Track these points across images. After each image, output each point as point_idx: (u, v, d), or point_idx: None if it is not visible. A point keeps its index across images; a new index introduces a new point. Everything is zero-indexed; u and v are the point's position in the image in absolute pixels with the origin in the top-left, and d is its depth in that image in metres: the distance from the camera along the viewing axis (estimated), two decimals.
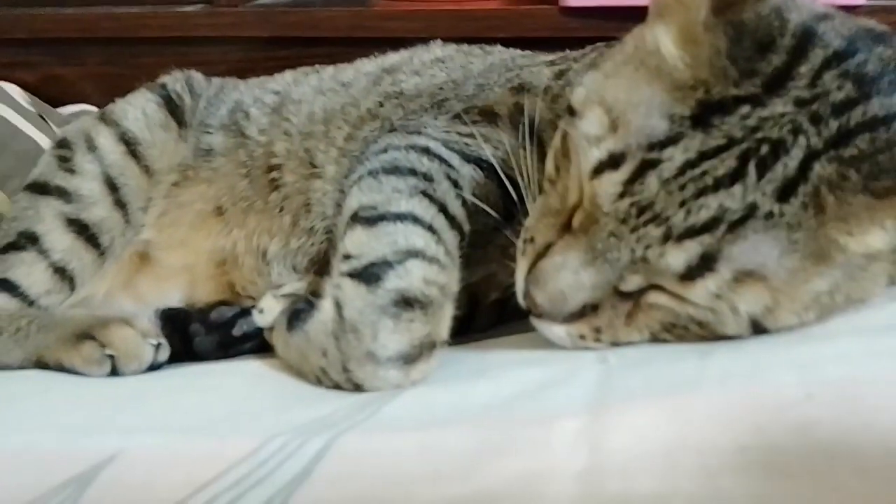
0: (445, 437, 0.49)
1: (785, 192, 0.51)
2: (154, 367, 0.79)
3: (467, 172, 0.73)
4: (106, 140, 0.91)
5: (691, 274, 0.52)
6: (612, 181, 0.54)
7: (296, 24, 1.25)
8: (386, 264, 0.62)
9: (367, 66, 0.96)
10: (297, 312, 0.68)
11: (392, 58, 0.96)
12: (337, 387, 0.62)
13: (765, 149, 0.51)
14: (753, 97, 0.52)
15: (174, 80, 0.98)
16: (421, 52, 0.97)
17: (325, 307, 0.63)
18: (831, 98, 0.52)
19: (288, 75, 1.00)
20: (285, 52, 1.23)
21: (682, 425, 0.45)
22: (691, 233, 0.52)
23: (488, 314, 0.77)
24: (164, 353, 0.80)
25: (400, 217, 0.66)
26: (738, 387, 0.47)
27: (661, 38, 0.56)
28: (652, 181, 0.52)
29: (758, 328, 0.53)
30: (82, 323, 0.79)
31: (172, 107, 0.95)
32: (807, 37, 0.54)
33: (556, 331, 0.59)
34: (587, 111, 0.57)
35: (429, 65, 0.92)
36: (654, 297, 0.56)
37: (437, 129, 0.78)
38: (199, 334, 0.82)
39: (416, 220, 0.66)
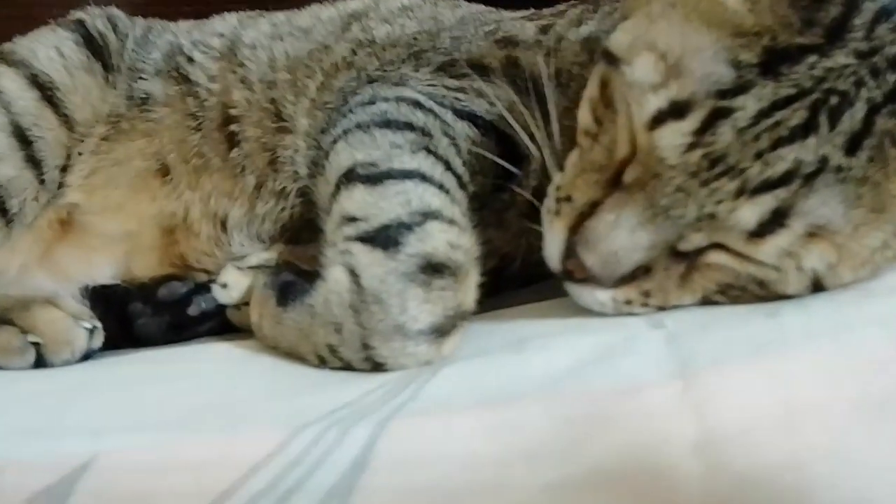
0: (518, 415, 0.43)
1: (853, 145, 0.49)
2: (87, 355, 0.67)
3: (461, 129, 0.68)
4: (13, 83, 0.75)
5: (762, 230, 0.50)
6: (678, 131, 0.50)
7: None
8: (403, 226, 0.55)
9: (326, 11, 0.88)
10: (289, 284, 0.59)
11: (354, 4, 0.88)
12: (347, 367, 0.55)
13: (834, 100, 0.49)
14: (818, 47, 0.50)
15: (93, 17, 0.83)
16: None
17: (337, 276, 0.54)
18: (887, 51, 0.51)
19: (229, 17, 0.88)
20: None
21: (786, 384, 0.41)
22: (767, 186, 0.49)
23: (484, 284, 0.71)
24: (99, 339, 0.68)
25: (407, 175, 0.59)
26: (827, 344, 0.45)
27: None
28: (725, 131, 0.49)
29: (817, 286, 0.52)
30: None
31: (95, 47, 0.81)
32: None
33: (599, 296, 0.55)
34: (635, 57, 0.53)
35: (397, 13, 0.85)
36: (715, 257, 0.53)
37: (419, 81, 0.73)
38: (144, 315, 0.70)
39: (424, 178, 0.60)
